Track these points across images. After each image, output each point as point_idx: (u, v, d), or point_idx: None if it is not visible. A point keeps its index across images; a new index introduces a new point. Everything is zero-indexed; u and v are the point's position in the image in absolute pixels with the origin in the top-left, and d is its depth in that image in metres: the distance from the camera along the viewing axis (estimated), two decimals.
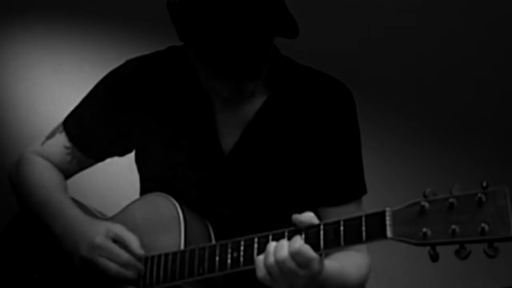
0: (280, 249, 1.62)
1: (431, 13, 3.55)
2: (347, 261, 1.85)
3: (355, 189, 1.98)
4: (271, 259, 1.62)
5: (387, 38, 3.57)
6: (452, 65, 3.55)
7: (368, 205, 1.93)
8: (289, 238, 1.64)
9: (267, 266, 1.62)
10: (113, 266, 1.86)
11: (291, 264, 1.60)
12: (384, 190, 3.43)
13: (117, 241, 1.88)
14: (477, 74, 3.54)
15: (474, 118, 3.57)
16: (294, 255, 1.60)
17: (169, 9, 1.84)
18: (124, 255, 1.87)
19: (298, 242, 1.61)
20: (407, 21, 3.56)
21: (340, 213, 1.87)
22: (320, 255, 1.62)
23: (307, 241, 1.62)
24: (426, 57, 3.56)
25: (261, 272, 1.64)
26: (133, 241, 1.88)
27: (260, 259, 1.64)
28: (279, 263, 1.61)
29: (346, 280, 1.83)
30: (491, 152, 3.55)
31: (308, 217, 1.65)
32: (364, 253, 1.94)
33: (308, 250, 1.60)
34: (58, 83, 3.63)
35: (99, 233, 1.90)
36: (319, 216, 1.91)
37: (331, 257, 1.82)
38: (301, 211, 1.71)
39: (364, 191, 2.00)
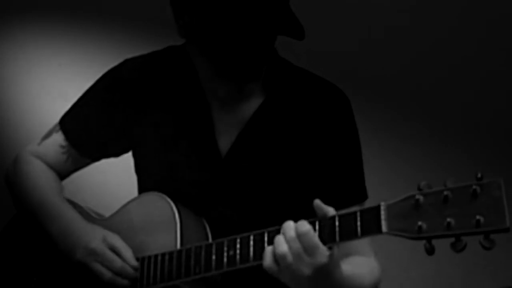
0: (288, 229, 1.61)
1: (431, 13, 3.54)
2: (359, 265, 1.84)
3: (356, 195, 1.97)
4: (281, 247, 1.61)
5: (387, 38, 3.57)
6: (452, 65, 3.55)
7: (368, 205, 1.92)
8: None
9: (275, 254, 1.61)
10: (106, 273, 1.87)
11: (298, 245, 1.59)
12: (384, 190, 3.41)
13: (112, 250, 1.88)
14: (477, 74, 3.54)
15: (474, 118, 3.57)
16: (301, 236, 1.59)
17: (172, 3, 1.83)
18: (118, 262, 1.87)
19: (306, 226, 1.60)
20: (407, 21, 3.56)
21: None
22: (330, 248, 1.61)
23: None
24: (426, 57, 3.56)
25: (268, 260, 1.62)
26: (128, 252, 1.88)
27: (269, 249, 1.63)
28: (289, 241, 1.60)
29: (361, 283, 1.82)
30: (491, 152, 3.54)
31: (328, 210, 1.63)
32: (373, 258, 1.93)
33: (315, 235, 1.59)
34: (58, 83, 3.63)
35: (94, 238, 1.90)
36: None
37: (343, 261, 1.82)
38: (297, 210, 1.71)
39: (364, 196, 1.98)
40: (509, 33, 3.49)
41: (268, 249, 1.63)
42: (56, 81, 3.65)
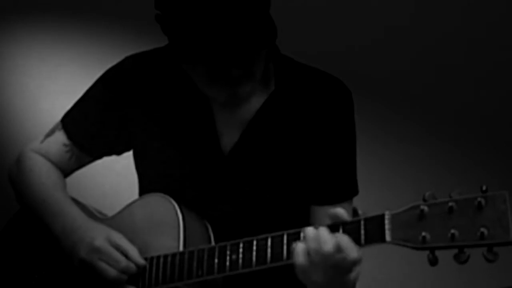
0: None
1: (431, 13, 3.54)
2: None
3: (348, 190, 1.98)
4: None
5: (387, 38, 3.57)
6: (452, 65, 3.55)
7: (368, 205, 1.92)
8: (289, 241, 1.64)
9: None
10: (111, 271, 1.86)
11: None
12: (384, 190, 3.43)
13: (117, 249, 1.88)
14: (477, 74, 3.54)
15: (474, 118, 3.57)
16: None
17: (157, 21, 1.83)
18: (123, 261, 1.86)
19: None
20: (408, 21, 3.56)
21: None
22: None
23: None
24: (426, 57, 3.56)
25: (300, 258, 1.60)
26: (133, 250, 1.88)
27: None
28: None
29: None
30: (491, 152, 3.55)
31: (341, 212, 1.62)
32: None
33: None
34: (57, 83, 3.63)
35: (99, 235, 1.89)
36: (309, 214, 1.92)
37: None
38: (300, 209, 1.71)
39: (356, 192, 2.00)
40: (509, 33, 3.50)
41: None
42: (56, 81, 3.65)
